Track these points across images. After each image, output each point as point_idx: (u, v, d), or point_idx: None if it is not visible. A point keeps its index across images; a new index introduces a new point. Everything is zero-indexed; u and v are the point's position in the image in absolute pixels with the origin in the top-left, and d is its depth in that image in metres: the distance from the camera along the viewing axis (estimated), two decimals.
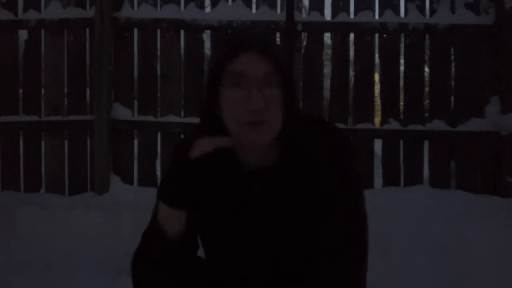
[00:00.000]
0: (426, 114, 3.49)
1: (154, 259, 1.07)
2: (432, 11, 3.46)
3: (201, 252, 1.20)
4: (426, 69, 3.85)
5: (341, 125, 3.44)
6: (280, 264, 1.12)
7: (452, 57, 3.44)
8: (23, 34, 3.62)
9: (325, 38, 3.89)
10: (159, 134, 3.52)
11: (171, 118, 3.51)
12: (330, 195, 1.08)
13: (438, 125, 3.37)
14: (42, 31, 3.57)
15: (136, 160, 3.54)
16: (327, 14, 3.54)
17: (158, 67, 3.58)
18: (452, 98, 3.42)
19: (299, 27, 3.43)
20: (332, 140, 1.12)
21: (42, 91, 3.63)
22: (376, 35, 3.47)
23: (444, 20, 3.39)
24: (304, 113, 1.19)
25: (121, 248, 2.77)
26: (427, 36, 3.45)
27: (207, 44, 3.84)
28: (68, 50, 3.57)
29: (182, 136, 3.47)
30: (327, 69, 3.62)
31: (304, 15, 3.58)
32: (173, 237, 1.06)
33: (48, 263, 2.74)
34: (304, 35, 3.65)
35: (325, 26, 3.49)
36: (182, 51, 3.57)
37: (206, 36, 3.64)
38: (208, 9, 3.63)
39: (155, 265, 1.07)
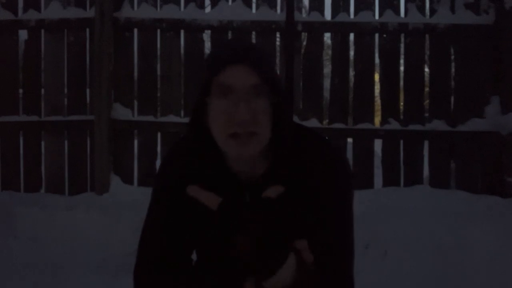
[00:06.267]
0: (426, 114, 3.49)
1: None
2: (432, 11, 3.46)
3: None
4: (426, 69, 3.85)
5: (341, 125, 3.45)
6: None
7: (452, 57, 3.44)
8: (23, 34, 3.62)
9: (325, 38, 3.90)
10: (159, 134, 3.52)
11: (171, 118, 3.51)
12: (318, 210, 1.06)
13: (438, 125, 3.37)
14: (42, 31, 3.57)
15: (136, 160, 3.54)
16: (327, 14, 3.55)
17: (158, 67, 3.58)
18: (452, 98, 3.42)
19: (299, 27, 3.43)
20: (324, 153, 1.11)
21: (42, 91, 3.63)
22: (376, 35, 3.47)
23: (444, 20, 3.39)
24: (296, 123, 1.18)
25: (121, 248, 2.78)
26: (427, 36, 3.46)
27: (207, 44, 3.84)
28: (68, 50, 3.57)
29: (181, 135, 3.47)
30: (327, 69, 3.62)
31: (304, 15, 3.58)
32: None
33: (48, 263, 2.74)
34: (304, 35, 3.66)
35: (325, 26, 3.49)
36: (182, 51, 3.57)
37: (206, 36, 3.64)
38: (208, 9, 3.63)
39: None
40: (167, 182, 1.16)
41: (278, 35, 3.65)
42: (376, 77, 3.54)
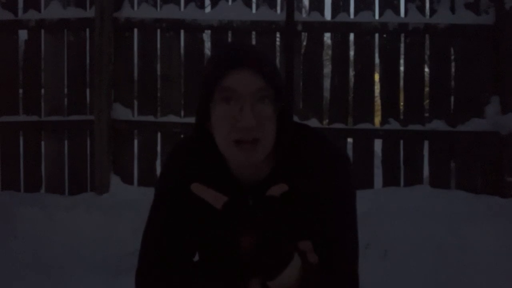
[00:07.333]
0: (426, 114, 3.49)
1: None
2: (432, 11, 3.47)
3: None
4: (426, 69, 3.85)
5: (341, 125, 3.45)
6: None
7: (452, 57, 3.44)
8: (23, 34, 3.62)
9: (325, 38, 3.90)
10: (159, 134, 3.52)
11: (171, 118, 3.51)
12: (321, 211, 1.06)
13: (438, 125, 3.37)
14: (42, 31, 3.57)
15: (136, 160, 3.54)
16: (327, 14, 3.55)
17: (158, 67, 3.58)
18: (452, 98, 3.42)
19: (299, 27, 3.43)
20: (324, 154, 1.10)
21: (42, 91, 3.63)
22: (376, 35, 3.47)
23: (444, 20, 3.39)
24: (297, 124, 1.16)
25: (121, 248, 2.78)
26: (427, 36, 3.45)
27: (207, 44, 3.84)
28: (68, 50, 3.57)
29: (182, 136, 3.47)
30: (327, 69, 3.62)
31: (304, 15, 3.58)
32: None
33: (48, 263, 2.74)
34: (304, 35, 3.66)
35: (325, 26, 3.49)
36: (182, 51, 3.57)
37: (206, 36, 3.64)
38: (208, 9, 3.63)
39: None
40: (169, 183, 1.15)
41: (278, 35, 3.65)
42: (376, 77, 3.54)
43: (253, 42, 3.51)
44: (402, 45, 3.50)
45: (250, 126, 0.98)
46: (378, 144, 3.47)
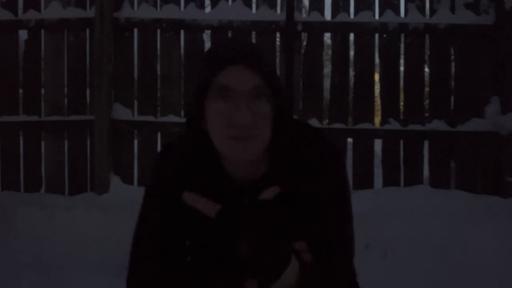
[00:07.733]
0: (426, 114, 3.49)
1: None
2: (432, 11, 3.47)
3: None
4: (426, 69, 3.85)
5: (341, 125, 3.45)
6: None
7: (452, 57, 3.44)
8: (23, 34, 3.62)
9: (325, 38, 3.90)
10: (159, 134, 3.52)
11: (171, 118, 3.51)
12: (319, 211, 1.05)
13: (438, 125, 3.37)
14: (42, 31, 3.57)
15: (136, 160, 3.54)
16: (327, 14, 3.55)
17: (158, 67, 3.58)
18: (452, 98, 3.42)
19: (299, 27, 3.43)
20: (321, 152, 1.09)
21: (42, 91, 3.63)
22: (376, 35, 3.47)
23: (444, 20, 3.39)
24: (297, 122, 1.14)
25: (121, 248, 2.76)
26: (427, 36, 3.46)
27: (207, 44, 3.84)
28: (68, 50, 3.57)
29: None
30: (327, 69, 3.62)
31: (304, 15, 3.58)
32: None
33: (48, 263, 2.74)
34: (304, 35, 3.66)
35: (325, 26, 3.49)
36: (182, 51, 3.57)
37: (206, 36, 3.65)
38: (208, 9, 3.63)
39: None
40: (161, 184, 1.13)
41: (278, 35, 3.65)
42: (376, 77, 3.54)
43: (253, 42, 3.51)
44: (402, 45, 3.50)
45: (246, 123, 0.97)
46: (378, 144, 3.47)
